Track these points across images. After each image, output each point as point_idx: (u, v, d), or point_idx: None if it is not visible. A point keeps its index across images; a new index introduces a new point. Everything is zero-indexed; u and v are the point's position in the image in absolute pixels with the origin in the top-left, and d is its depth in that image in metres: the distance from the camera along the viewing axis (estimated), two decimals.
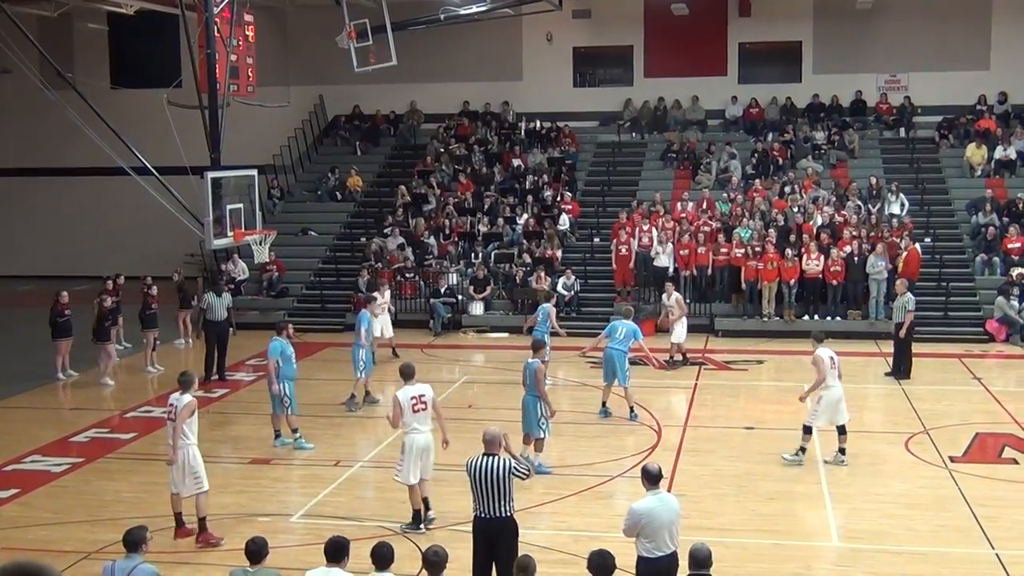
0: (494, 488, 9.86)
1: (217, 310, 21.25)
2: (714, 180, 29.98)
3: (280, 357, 16.11)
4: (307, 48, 33.32)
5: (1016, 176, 28.93)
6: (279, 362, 16.07)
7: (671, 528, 9.20)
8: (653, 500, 9.29)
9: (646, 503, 9.27)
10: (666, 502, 9.33)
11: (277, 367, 16.06)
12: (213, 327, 21.32)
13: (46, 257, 35.35)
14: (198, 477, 12.50)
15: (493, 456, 10.03)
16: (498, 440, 10.25)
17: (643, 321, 25.54)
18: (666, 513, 9.21)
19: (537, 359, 14.89)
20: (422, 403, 12.62)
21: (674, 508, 9.33)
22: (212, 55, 18.79)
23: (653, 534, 9.13)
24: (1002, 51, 31.19)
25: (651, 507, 9.21)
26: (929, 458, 15.60)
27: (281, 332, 16.47)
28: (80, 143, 21.70)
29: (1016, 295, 24.40)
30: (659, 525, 9.14)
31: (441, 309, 26.11)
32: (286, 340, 16.35)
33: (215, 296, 21.37)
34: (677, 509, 9.36)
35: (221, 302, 21.36)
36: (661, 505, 9.25)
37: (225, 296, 21.69)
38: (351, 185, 31.64)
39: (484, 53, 33.30)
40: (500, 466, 9.93)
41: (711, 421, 18.06)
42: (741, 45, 32.88)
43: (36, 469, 15.73)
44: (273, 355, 16.14)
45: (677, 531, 9.29)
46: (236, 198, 18.85)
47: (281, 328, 16.65)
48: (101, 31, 34.34)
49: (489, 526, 9.94)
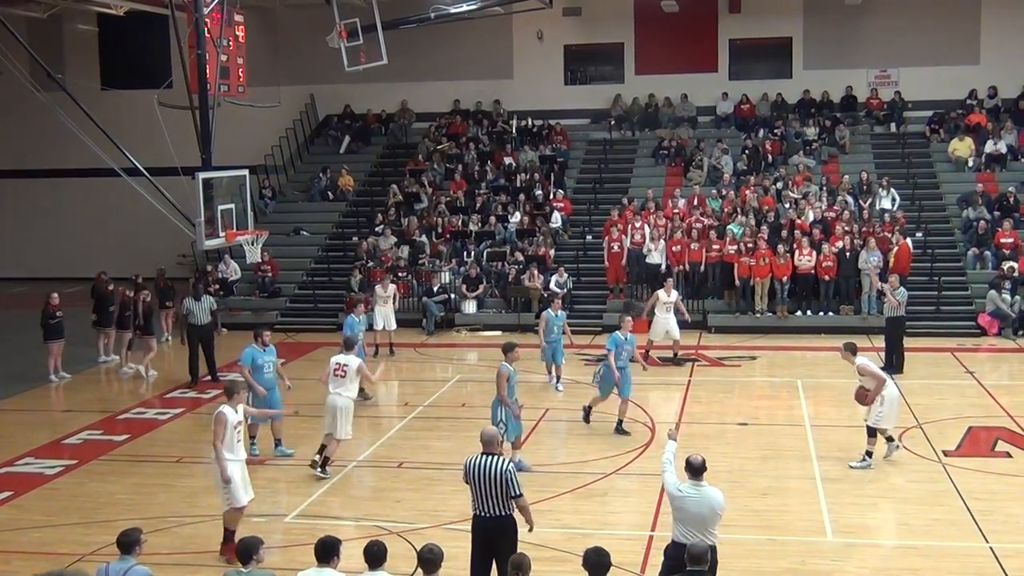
0: (493, 487, 9.84)
1: (198, 314, 20.92)
2: (706, 177, 30.00)
3: (251, 365, 15.75)
4: (298, 48, 33.29)
5: (1007, 170, 29.00)
6: (250, 370, 15.71)
7: (705, 521, 9.30)
8: (690, 489, 9.45)
9: (681, 486, 9.49)
10: (704, 495, 9.40)
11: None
12: (196, 331, 21.01)
13: (37, 258, 35.27)
14: (229, 490, 12.04)
15: (492, 455, 10.01)
16: (496, 439, 10.26)
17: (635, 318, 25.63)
18: (698, 506, 9.32)
19: (507, 362, 14.62)
20: (343, 370, 14.81)
21: (710, 503, 9.37)
22: (202, 55, 18.75)
23: (686, 521, 9.34)
24: (992, 46, 31.24)
25: (683, 493, 9.41)
26: (923, 452, 15.63)
27: (256, 339, 16.05)
28: (71, 144, 21.65)
29: (1008, 289, 24.47)
30: (690, 515, 9.32)
31: (434, 308, 26.10)
32: (260, 348, 15.92)
33: (194, 300, 21.02)
34: (714, 505, 9.38)
35: (201, 305, 20.98)
36: (696, 496, 9.37)
37: (206, 299, 21.30)
38: (343, 185, 31.61)
39: (475, 51, 33.29)
40: (499, 465, 9.91)
41: (705, 417, 18.08)
42: (731, 42, 32.90)
43: (29, 471, 15.69)
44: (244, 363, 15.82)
45: (715, 527, 9.39)
46: (228, 198, 18.81)
47: (257, 335, 16.19)
48: (91, 32, 34.29)
49: (489, 525, 9.93)
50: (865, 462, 14.92)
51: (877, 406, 14.85)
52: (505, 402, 14.36)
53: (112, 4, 27.74)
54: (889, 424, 15.05)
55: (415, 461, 15.74)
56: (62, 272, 32.62)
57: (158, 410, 19.23)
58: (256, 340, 16.03)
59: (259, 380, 15.69)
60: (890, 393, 14.91)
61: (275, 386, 16.08)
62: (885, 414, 14.90)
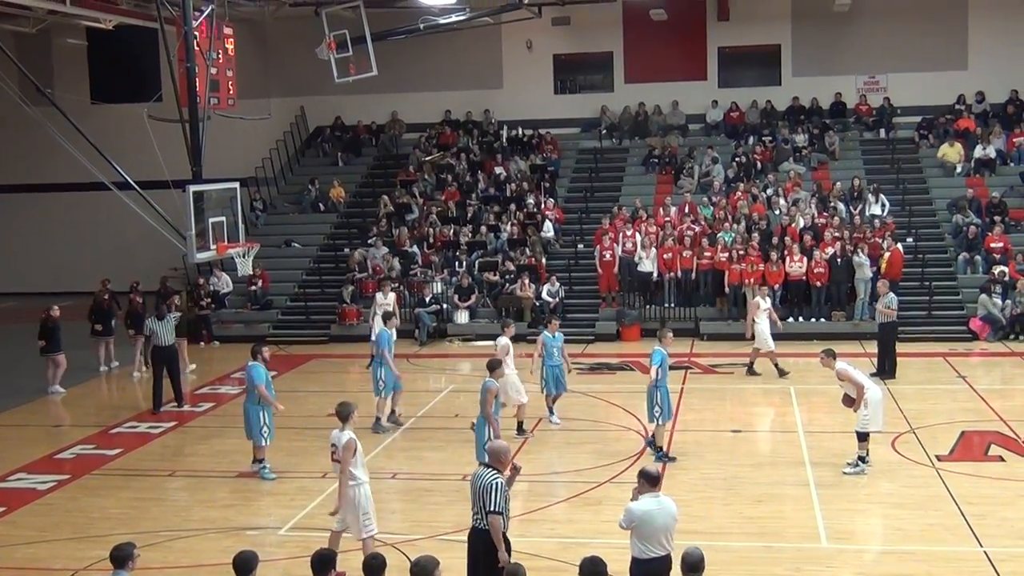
0: (479, 499, 9.79)
1: (162, 335, 20.06)
2: (696, 184, 30.05)
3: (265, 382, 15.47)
4: (287, 60, 33.32)
5: (996, 175, 29.11)
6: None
7: (667, 531, 9.23)
8: (651, 502, 9.32)
9: (643, 505, 9.29)
10: (664, 505, 9.34)
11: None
12: (160, 354, 20.08)
13: (28, 273, 35.18)
14: (368, 517, 11.53)
15: (488, 468, 9.94)
16: (501, 454, 9.99)
17: (627, 327, 25.71)
18: (662, 516, 9.23)
19: (493, 379, 14.51)
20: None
21: (671, 511, 9.34)
22: (192, 69, 18.72)
23: (648, 536, 9.17)
24: (979, 51, 31.38)
25: (647, 509, 9.25)
26: (916, 457, 15.64)
27: (256, 356, 15.67)
28: (61, 159, 21.63)
29: (999, 293, 24.54)
30: (654, 528, 9.18)
31: (426, 318, 26.09)
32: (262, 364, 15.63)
33: (156, 321, 20.24)
34: (674, 512, 9.37)
35: (165, 326, 20.13)
36: (658, 508, 9.27)
37: (169, 320, 20.45)
38: (334, 196, 31.60)
39: (464, 62, 33.35)
40: (485, 477, 9.84)
41: (698, 425, 18.06)
42: (720, 49, 32.99)
43: (22, 487, 15.62)
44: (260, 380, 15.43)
45: (673, 534, 9.30)
46: (219, 211, 18.72)
47: (256, 352, 15.78)
48: (80, 46, 34.26)
49: (476, 537, 9.89)
50: (859, 467, 14.91)
51: (862, 410, 14.87)
52: (489, 419, 14.24)
53: (101, 18, 27.71)
54: (876, 426, 15.02)
55: (409, 472, 15.71)
56: (53, 286, 32.54)
57: (151, 424, 19.16)
58: (256, 357, 15.64)
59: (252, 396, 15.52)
60: (872, 396, 14.90)
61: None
62: (870, 417, 14.91)
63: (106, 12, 26.97)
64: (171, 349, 20.33)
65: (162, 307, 20.82)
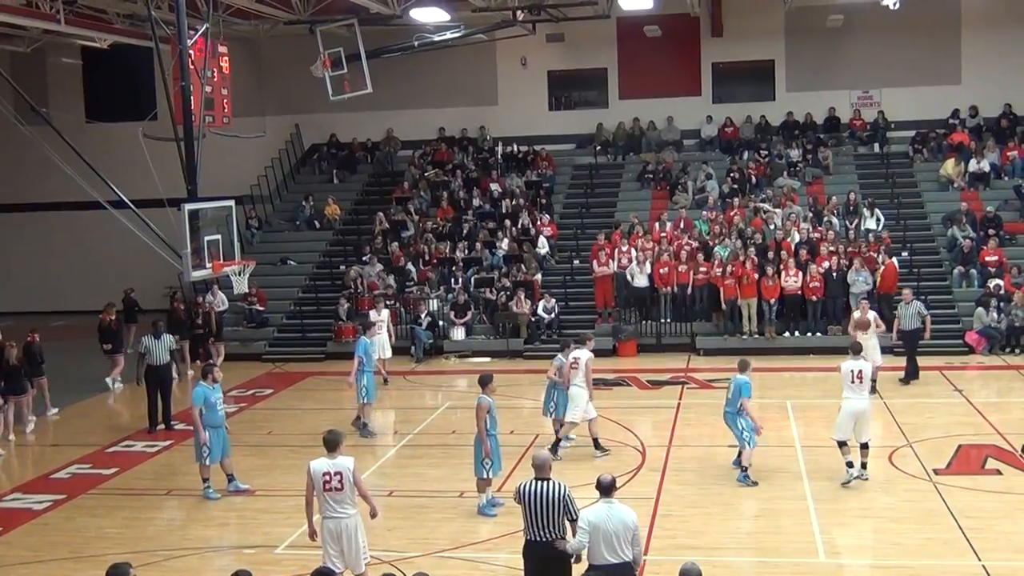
0: (547, 512, 9.79)
1: (157, 354, 20.01)
2: (691, 200, 30.09)
3: (204, 404, 15.37)
4: (282, 78, 33.36)
5: (990, 188, 29.18)
6: (203, 410, 15.32)
7: (618, 537, 9.31)
8: (602, 509, 9.48)
9: (592, 510, 9.50)
10: (615, 512, 9.44)
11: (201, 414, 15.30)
12: (154, 373, 20.02)
13: (23, 293, 35.03)
14: (365, 547, 11.11)
15: (546, 480, 9.94)
16: (548, 464, 10.13)
17: (624, 342, 25.71)
18: (611, 522, 9.34)
19: (485, 395, 14.41)
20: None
21: (623, 519, 9.40)
22: (187, 87, 18.73)
23: (598, 541, 9.31)
24: (973, 65, 31.46)
25: (596, 514, 9.43)
26: (913, 471, 15.64)
27: (206, 377, 15.64)
28: (56, 178, 21.58)
29: (994, 306, 24.57)
30: (604, 532, 9.31)
31: (422, 335, 26.06)
32: (211, 386, 15.55)
33: (153, 339, 20.12)
34: (627, 520, 9.41)
35: (160, 344, 20.07)
36: (607, 514, 9.40)
37: (165, 338, 20.28)
38: (329, 213, 31.61)
39: (459, 79, 33.41)
40: (554, 490, 9.85)
41: (695, 440, 18.05)
42: (714, 65, 33.06)
43: (17, 507, 15.58)
44: (196, 403, 15.38)
45: (629, 541, 9.36)
46: (214, 229, 18.69)
47: (206, 373, 15.79)
48: (75, 65, 34.26)
49: (542, 551, 9.86)
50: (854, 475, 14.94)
51: (838, 416, 15.11)
52: (482, 437, 14.20)
53: (96, 37, 27.77)
54: (839, 434, 15.03)
55: (406, 489, 15.67)
56: (47, 306, 32.52)
57: (147, 443, 19.12)
58: (206, 378, 15.60)
59: (213, 418, 15.37)
60: (847, 406, 14.99)
61: (224, 423, 15.74)
62: (839, 422, 15.08)
63: (101, 31, 27.05)
64: (166, 368, 20.27)
65: (158, 324, 20.69)
